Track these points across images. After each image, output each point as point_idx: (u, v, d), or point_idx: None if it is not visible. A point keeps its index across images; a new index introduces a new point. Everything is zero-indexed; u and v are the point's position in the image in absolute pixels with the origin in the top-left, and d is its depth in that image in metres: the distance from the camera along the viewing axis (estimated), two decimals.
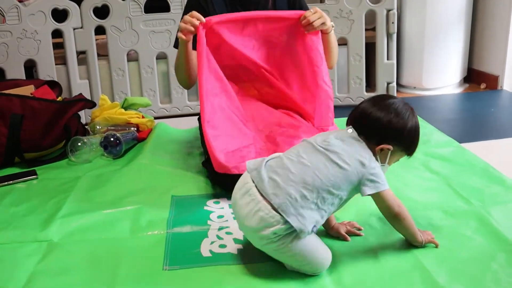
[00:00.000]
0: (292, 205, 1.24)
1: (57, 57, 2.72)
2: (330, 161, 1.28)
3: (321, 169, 1.27)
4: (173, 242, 1.50)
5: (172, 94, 2.84)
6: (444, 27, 3.08)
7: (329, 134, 1.36)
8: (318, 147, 1.32)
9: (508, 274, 1.29)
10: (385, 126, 1.33)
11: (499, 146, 2.21)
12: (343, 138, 1.33)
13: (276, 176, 1.27)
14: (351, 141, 1.33)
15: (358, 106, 1.38)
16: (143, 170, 1.99)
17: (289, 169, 1.28)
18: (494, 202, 1.66)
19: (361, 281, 1.30)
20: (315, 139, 1.35)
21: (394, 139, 1.35)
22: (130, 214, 1.66)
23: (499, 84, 3.16)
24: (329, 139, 1.33)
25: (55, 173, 2.05)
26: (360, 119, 1.36)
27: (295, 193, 1.25)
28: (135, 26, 2.72)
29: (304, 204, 1.25)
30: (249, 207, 1.27)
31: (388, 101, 1.37)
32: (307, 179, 1.26)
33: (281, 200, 1.24)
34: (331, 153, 1.29)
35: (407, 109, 1.38)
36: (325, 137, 1.35)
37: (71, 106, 2.21)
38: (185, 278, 1.33)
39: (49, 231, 1.57)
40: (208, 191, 1.81)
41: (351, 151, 1.30)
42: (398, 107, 1.35)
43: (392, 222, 1.39)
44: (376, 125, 1.33)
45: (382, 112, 1.33)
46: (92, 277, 1.35)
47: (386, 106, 1.34)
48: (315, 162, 1.28)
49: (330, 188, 1.26)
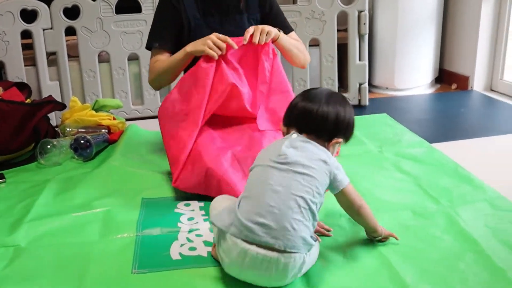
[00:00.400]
0: (294, 236, 1.20)
1: (26, 58, 2.68)
2: (297, 174, 1.25)
3: (295, 186, 1.24)
4: (143, 245, 1.48)
5: (144, 95, 2.82)
6: (415, 28, 3.12)
7: (277, 147, 1.31)
8: (278, 166, 1.27)
9: (475, 274, 1.31)
10: (335, 121, 1.33)
11: (469, 146, 2.24)
12: (295, 145, 1.30)
13: (262, 219, 1.21)
14: (302, 145, 1.30)
15: (295, 107, 1.36)
16: (113, 172, 1.97)
17: (268, 204, 1.22)
18: (462, 202, 1.68)
19: (330, 281, 1.30)
20: (269, 158, 1.29)
21: (344, 131, 1.36)
22: (99, 217, 1.64)
23: (470, 84, 3.21)
24: (283, 152, 1.28)
25: (23, 176, 2.02)
26: (304, 119, 1.34)
27: (290, 224, 1.20)
28: (106, 27, 2.69)
29: (302, 227, 1.22)
30: (263, 268, 1.21)
31: (325, 94, 1.36)
32: (291, 204, 1.22)
33: (284, 241, 1.20)
34: (294, 166, 1.26)
35: (343, 98, 1.40)
36: (277, 152, 1.29)
37: (40, 108, 2.18)
38: (154, 281, 1.32)
39: (17, 235, 1.54)
40: (178, 194, 1.80)
41: (309, 155, 1.28)
42: (338, 99, 1.37)
43: (355, 215, 1.40)
44: (325, 122, 1.33)
45: (327, 108, 1.32)
46: (59, 282, 1.33)
47: (327, 101, 1.34)
48: (286, 183, 1.24)
49: (313, 198, 1.25)
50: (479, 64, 3.15)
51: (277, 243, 1.19)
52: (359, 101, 2.94)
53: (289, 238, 1.20)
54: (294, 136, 1.33)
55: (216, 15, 1.99)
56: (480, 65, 3.16)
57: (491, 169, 1.96)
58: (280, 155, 1.28)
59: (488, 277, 1.29)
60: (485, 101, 2.99)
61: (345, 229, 1.55)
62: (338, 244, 1.46)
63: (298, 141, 1.31)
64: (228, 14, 2.00)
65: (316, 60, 2.90)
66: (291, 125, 1.37)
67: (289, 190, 1.23)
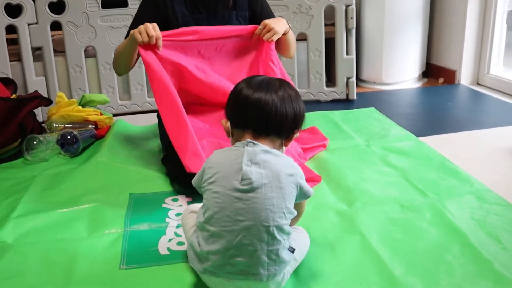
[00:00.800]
0: (275, 263, 1.18)
1: (11, 54, 2.65)
2: (266, 200, 1.16)
3: (266, 216, 1.15)
4: (130, 241, 1.48)
5: (132, 90, 2.81)
6: (403, 23, 3.12)
7: (237, 165, 1.18)
8: (243, 196, 1.16)
9: (461, 265, 1.32)
10: (294, 117, 1.25)
11: (456, 140, 2.25)
12: (256, 161, 1.18)
13: (238, 258, 1.16)
14: (264, 159, 1.18)
15: (246, 104, 1.23)
16: (100, 168, 1.96)
17: (241, 244, 1.15)
18: (449, 195, 1.69)
19: (317, 273, 1.31)
20: (232, 186, 1.16)
21: (301, 123, 1.29)
22: (86, 213, 1.63)
23: (457, 78, 3.22)
24: (246, 175, 1.16)
25: (9, 172, 2.00)
26: (262, 121, 1.23)
27: (268, 256, 1.16)
28: (92, 21, 2.67)
29: (280, 251, 1.18)
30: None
31: (276, 86, 1.26)
32: (264, 237, 1.15)
33: (265, 272, 1.17)
34: (260, 192, 1.15)
35: (289, 85, 1.30)
36: (238, 174, 1.16)
37: (25, 104, 2.16)
38: (142, 277, 1.32)
39: (3, 232, 1.53)
40: (166, 189, 1.80)
41: (273, 172, 1.17)
42: (291, 90, 1.27)
43: (294, 222, 1.34)
44: (285, 121, 1.24)
45: (284, 104, 1.23)
46: (46, 279, 1.32)
47: (282, 95, 1.24)
48: (256, 215, 1.15)
49: (285, 220, 1.18)
50: (466, 59, 3.17)
51: (258, 276, 1.17)
52: (347, 95, 2.94)
53: (269, 268, 1.17)
54: (251, 147, 1.20)
55: (204, 12, 1.98)
56: (467, 60, 3.17)
57: (477, 163, 1.97)
58: (243, 179, 1.16)
59: (475, 268, 1.30)
60: (471, 95, 3.00)
61: (333, 223, 1.55)
62: (326, 238, 1.46)
63: (258, 154, 1.18)
64: (216, 10, 1.99)
65: (303, 55, 2.90)
66: (245, 127, 1.25)
67: (261, 222, 1.15)
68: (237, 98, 1.26)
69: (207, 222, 1.19)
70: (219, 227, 1.17)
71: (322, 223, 1.54)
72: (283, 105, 1.23)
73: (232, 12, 2.01)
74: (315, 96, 2.93)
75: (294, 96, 1.27)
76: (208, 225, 1.19)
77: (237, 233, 1.15)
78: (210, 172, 1.22)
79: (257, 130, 1.24)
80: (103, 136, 2.31)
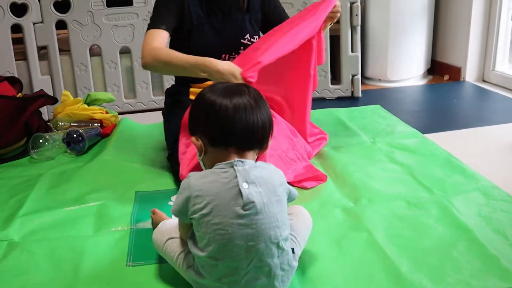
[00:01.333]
0: (288, 273, 1.18)
1: (17, 53, 2.66)
2: (271, 220, 1.13)
3: (274, 234, 1.13)
4: (137, 238, 1.48)
5: (137, 89, 2.81)
6: (408, 20, 3.12)
7: (234, 191, 1.11)
8: (249, 222, 1.11)
9: (468, 262, 1.31)
10: (269, 127, 1.22)
11: (461, 137, 2.25)
12: (251, 180, 1.12)
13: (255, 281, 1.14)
14: (257, 176, 1.14)
15: (228, 121, 1.15)
16: (106, 166, 1.96)
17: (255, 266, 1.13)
18: (455, 192, 1.69)
19: (323, 269, 1.31)
20: (233, 212, 1.10)
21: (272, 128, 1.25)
22: (93, 211, 1.64)
23: (462, 75, 3.21)
24: (247, 199, 1.10)
25: (16, 171, 2.01)
26: (247, 136, 1.17)
27: (281, 268, 1.16)
28: (97, 20, 2.67)
29: (291, 261, 1.19)
30: None
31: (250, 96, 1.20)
32: (274, 252, 1.14)
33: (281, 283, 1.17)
34: (264, 214, 1.12)
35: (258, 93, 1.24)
36: (238, 200, 1.11)
37: (31, 103, 2.17)
38: (149, 274, 1.32)
39: (10, 230, 1.54)
40: (172, 187, 1.80)
41: (269, 187, 1.14)
42: (256, 94, 1.21)
43: None
44: (266, 131, 1.21)
45: (259, 114, 1.18)
46: (53, 276, 1.32)
47: (257, 105, 1.18)
48: (265, 236, 1.12)
49: (287, 229, 1.18)
50: (471, 55, 3.16)
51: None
52: (352, 92, 2.93)
53: (283, 279, 1.17)
54: (241, 167, 1.14)
55: (219, 14, 1.94)
56: (472, 56, 3.16)
57: (483, 159, 1.96)
58: (246, 204, 1.10)
59: (482, 265, 1.30)
60: (477, 92, 2.99)
61: (339, 220, 1.55)
62: (333, 235, 1.46)
63: (250, 172, 1.13)
64: (230, 13, 1.96)
65: None
66: (229, 144, 1.17)
67: (271, 241, 1.12)
68: (218, 114, 1.16)
69: (213, 255, 1.12)
70: (229, 258, 1.12)
71: (328, 220, 1.54)
72: (258, 112, 1.18)
73: (246, 15, 1.98)
74: (320, 93, 2.92)
75: (262, 100, 1.22)
76: (214, 259, 1.12)
77: (251, 258, 1.12)
78: (201, 201, 1.12)
79: (242, 145, 1.18)
80: (109, 135, 2.31)
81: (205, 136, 1.19)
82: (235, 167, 1.13)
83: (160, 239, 1.29)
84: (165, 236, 1.29)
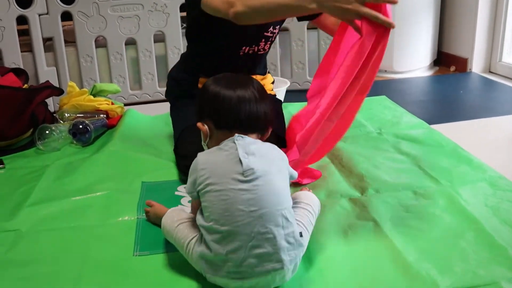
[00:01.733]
0: (295, 247, 1.19)
1: (22, 44, 2.65)
2: (272, 186, 1.18)
3: (277, 200, 1.17)
4: (144, 228, 1.48)
5: (142, 80, 2.81)
6: (414, 11, 3.10)
7: (233, 160, 1.18)
8: (250, 187, 1.15)
9: (475, 252, 1.31)
10: (270, 115, 1.31)
11: (468, 127, 2.24)
12: (251, 152, 1.19)
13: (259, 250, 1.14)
14: (256, 148, 1.21)
15: (232, 108, 1.25)
16: (113, 157, 1.96)
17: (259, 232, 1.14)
18: (462, 182, 1.68)
19: (330, 259, 1.31)
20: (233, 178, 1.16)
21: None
22: (99, 201, 1.64)
23: (468, 66, 3.20)
24: (247, 166, 1.16)
25: (22, 162, 2.01)
26: (251, 122, 1.26)
27: (287, 241, 1.17)
28: (103, 11, 2.67)
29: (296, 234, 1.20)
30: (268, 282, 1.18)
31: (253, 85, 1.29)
32: (279, 221, 1.16)
33: (288, 258, 1.17)
34: (265, 179, 1.17)
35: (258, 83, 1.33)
36: (237, 167, 1.17)
37: (37, 94, 2.17)
38: (156, 263, 1.32)
39: (17, 220, 1.54)
40: (179, 177, 1.80)
41: (269, 159, 1.22)
42: (260, 86, 1.31)
43: None
44: (267, 116, 1.29)
45: (262, 103, 1.28)
46: (61, 266, 1.33)
47: (260, 95, 1.28)
48: (267, 202, 1.15)
49: (290, 200, 1.22)
50: (478, 46, 3.14)
51: (281, 263, 1.16)
52: None
53: (290, 253, 1.17)
54: (241, 140, 1.22)
55: None
56: (479, 47, 3.15)
57: (490, 150, 1.96)
58: (245, 171, 1.16)
59: (489, 255, 1.30)
60: (483, 83, 2.98)
61: (346, 210, 1.55)
62: (340, 225, 1.46)
63: (250, 145, 1.21)
64: None
65: (314, 44, 2.89)
66: (232, 127, 1.26)
67: (273, 207, 1.16)
68: (222, 99, 1.25)
69: (217, 223, 1.16)
70: (232, 224, 1.14)
71: (335, 210, 1.54)
72: (262, 100, 1.28)
73: None
74: None
75: (262, 88, 1.31)
76: (219, 225, 1.15)
77: (254, 224, 1.14)
78: (204, 173, 1.19)
79: (246, 129, 1.26)
80: (115, 126, 2.31)
81: (211, 120, 1.27)
82: (236, 141, 1.21)
83: (170, 225, 1.31)
84: (175, 222, 1.31)
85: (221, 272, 1.16)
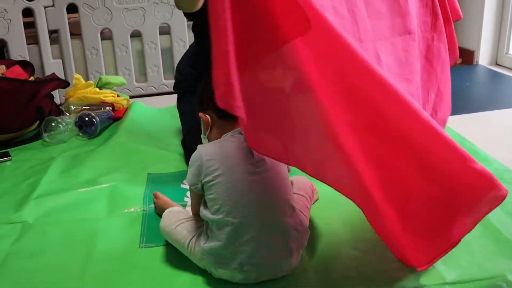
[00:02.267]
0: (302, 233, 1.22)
1: (28, 37, 2.66)
2: (280, 177, 1.20)
3: (285, 190, 1.20)
4: (150, 220, 1.49)
5: (148, 72, 2.81)
6: None
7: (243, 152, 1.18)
8: (261, 179, 1.17)
9: (481, 245, 1.31)
10: None
11: (474, 120, 2.23)
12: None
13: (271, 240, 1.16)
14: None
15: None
16: (118, 149, 1.97)
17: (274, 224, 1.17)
18: None
19: (334, 248, 1.33)
20: (243, 170, 1.16)
21: None
22: (105, 193, 1.65)
23: (475, 59, 3.18)
24: (258, 158, 1.17)
25: (29, 154, 2.02)
26: None
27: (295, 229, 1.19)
28: (108, 3, 2.66)
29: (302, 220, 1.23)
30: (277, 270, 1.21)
31: None
32: (287, 211, 1.19)
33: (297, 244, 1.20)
34: (273, 171, 1.20)
35: None
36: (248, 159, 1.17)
37: (43, 86, 2.17)
38: (162, 255, 1.33)
39: (24, 212, 1.55)
40: (185, 169, 1.80)
41: None
42: None
43: None
44: None
45: None
46: (67, 257, 1.34)
47: None
48: (277, 193, 1.18)
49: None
50: (485, 39, 3.12)
51: (290, 252, 1.18)
52: None
53: (298, 240, 1.20)
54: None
55: None
56: (486, 40, 3.13)
57: (496, 143, 1.95)
58: (257, 161, 1.18)
59: (495, 248, 1.30)
60: (490, 75, 2.96)
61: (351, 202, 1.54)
62: (345, 215, 1.46)
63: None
64: None
65: None
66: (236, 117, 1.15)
67: (282, 197, 1.19)
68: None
69: (228, 215, 1.15)
70: (244, 215, 1.14)
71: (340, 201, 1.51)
72: None
73: None
74: None
75: None
76: (230, 217, 1.15)
77: (265, 215, 1.15)
78: (213, 164, 1.18)
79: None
80: (120, 118, 2.32)
81: (214, 110, 1.24)
82: (243, 132, 1.16)
83: (169, 226, 1.30)
84: (173, 224, 1.30)
85: (230, 265, 1.16)
